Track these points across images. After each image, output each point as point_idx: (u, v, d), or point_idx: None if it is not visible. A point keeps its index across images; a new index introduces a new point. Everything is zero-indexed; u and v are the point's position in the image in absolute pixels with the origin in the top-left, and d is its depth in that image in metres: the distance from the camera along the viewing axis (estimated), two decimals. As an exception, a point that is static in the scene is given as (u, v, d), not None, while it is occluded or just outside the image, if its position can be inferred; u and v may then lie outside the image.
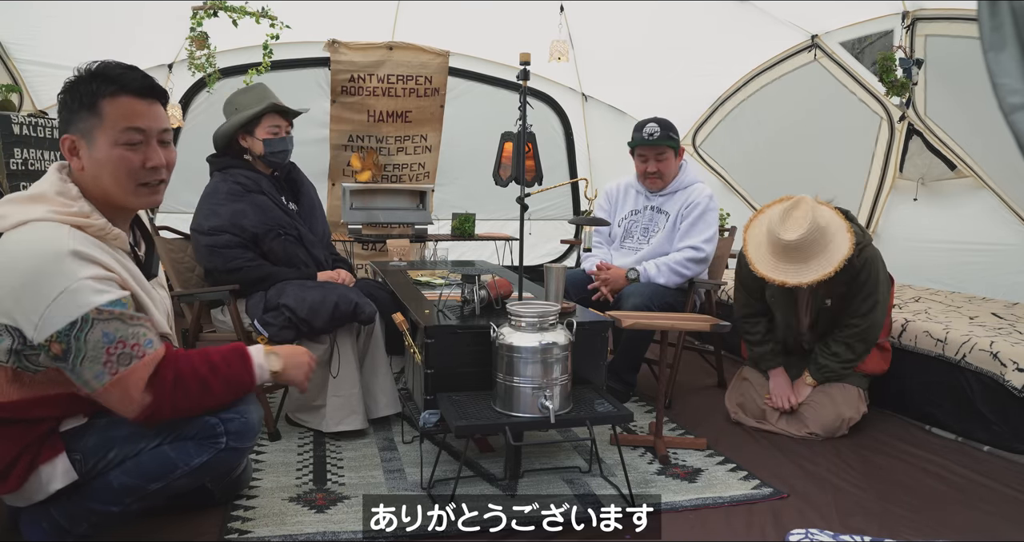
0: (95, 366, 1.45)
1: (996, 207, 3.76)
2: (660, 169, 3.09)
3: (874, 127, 4.25)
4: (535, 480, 2.20)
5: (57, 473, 1.56)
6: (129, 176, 1.56)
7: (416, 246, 4.47)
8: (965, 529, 1.95)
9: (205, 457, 1.61)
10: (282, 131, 2.66)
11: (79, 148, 1.56)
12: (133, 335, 1.49)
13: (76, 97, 1.54)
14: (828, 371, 2.66)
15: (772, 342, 2.80)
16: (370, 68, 4.44)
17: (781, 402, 2.68)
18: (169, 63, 4.97)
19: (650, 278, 2.97)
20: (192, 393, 1.55)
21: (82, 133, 1.55)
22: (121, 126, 1.54)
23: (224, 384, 1.59)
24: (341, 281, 2.67)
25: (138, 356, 1.49)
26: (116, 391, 1.48)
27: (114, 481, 1.58)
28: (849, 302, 2.62)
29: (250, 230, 2.54)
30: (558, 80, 5.77)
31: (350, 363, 2.52)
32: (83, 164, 1.56)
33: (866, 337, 2.63)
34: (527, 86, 2.17)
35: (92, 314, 1.44)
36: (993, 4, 1.75)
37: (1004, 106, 1.72)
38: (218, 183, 2.63)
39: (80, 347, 1.44)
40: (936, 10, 3.65)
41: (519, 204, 2.26)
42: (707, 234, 3.04)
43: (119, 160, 1.55)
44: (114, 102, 1.54)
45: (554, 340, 1.95)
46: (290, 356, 1.74)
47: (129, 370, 1.47)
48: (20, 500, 1.61)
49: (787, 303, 2.72)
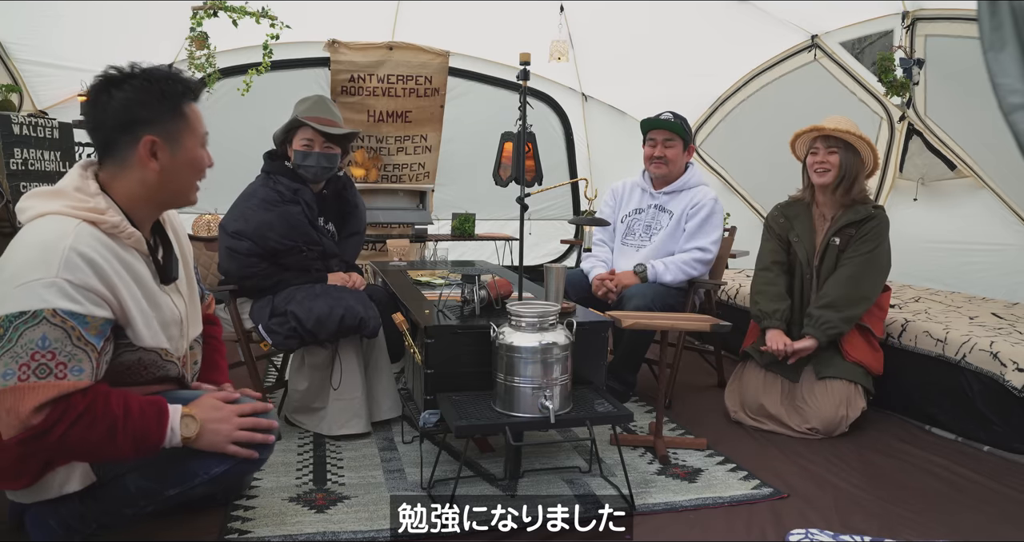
0: (11, 364, 1.35)
1: (996, 207, 3.76)
2: (667, 155, 3.10)
3: (874, 127, 4.25)
4: (535, 480, 2.20)
5: (75, 475, 1.55)
6: (199, 176, 1.64)
7: (416, 246, 4.47)
8: (965, 529, 1.95)
9: (225, 466, 1.59)
10: (314, 146, 2.61)
11: (159, 150, 1.54)
12: (67, 354, 1.38)
13: (159, 99, 1.53)
14: (816, 319, 2.68)
15: (784, 304, 2.81)
16: (370, 68, 4.44)
17: (776, 345, 2.70)
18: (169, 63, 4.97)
19: (657, 274, 2.98)
20: (95, 432, 1.41)
21: (166, 136, 1.54)
22: (202, 129, 1.62)
23: (131, 435, 1.45)
24: (352, 284, 2.66)
25: (57, 375, 1.37)
26: (9, 399, 1.35)
27: (131, 485, 1.57)
28: (852, 244, 2.75)
29: (271, 244, 2.53)
30: (558, 80, 5.77)
31: (353, 367, 2.53)
32: (160, 166, 1.54)
33: (854, 276, 2.70)
34: (527, 86, 2.17)
35: (47, 313, 1.36)
36: (993, 4, 1.75)
37: (1004, 106, 1.72)
38: (258, 187, 2.62)
39: (12, 338, 1.35)
40: (936, 10, 3.65)
41: (519, 204, 2.26)
42: (714, 236, 3.07)
43: (199, 161, 1.61)
44: (192, 106, 1.60)
45: (554, 340, 1.95)
46: (209, 421, 1.57)
47: (38, 384, 1.36)
48: (28, 497, 1.58)
49: (809, 239, 2.86)
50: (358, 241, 2.90)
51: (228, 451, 1.58)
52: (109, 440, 1.42)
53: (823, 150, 2.77)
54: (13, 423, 1.36)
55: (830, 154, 2.76)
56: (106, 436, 1.42)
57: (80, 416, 1.39)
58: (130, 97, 1.51)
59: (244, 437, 1.59)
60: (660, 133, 3.10)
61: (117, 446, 1.44)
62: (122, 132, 1.52)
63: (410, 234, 4.38)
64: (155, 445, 1.49)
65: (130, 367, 1.57)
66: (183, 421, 1.52)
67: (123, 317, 1.50)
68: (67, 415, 1.38)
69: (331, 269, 2.71)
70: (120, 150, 1.54)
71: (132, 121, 1.52)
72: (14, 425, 1.36)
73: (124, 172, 1.55)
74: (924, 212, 4.13)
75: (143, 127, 1.52)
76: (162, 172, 1.55)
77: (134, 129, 1.52)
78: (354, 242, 2.87)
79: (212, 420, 1.57)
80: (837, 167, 2.75)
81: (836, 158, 2.75)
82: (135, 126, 1.52)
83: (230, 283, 2.58)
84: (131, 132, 1.52)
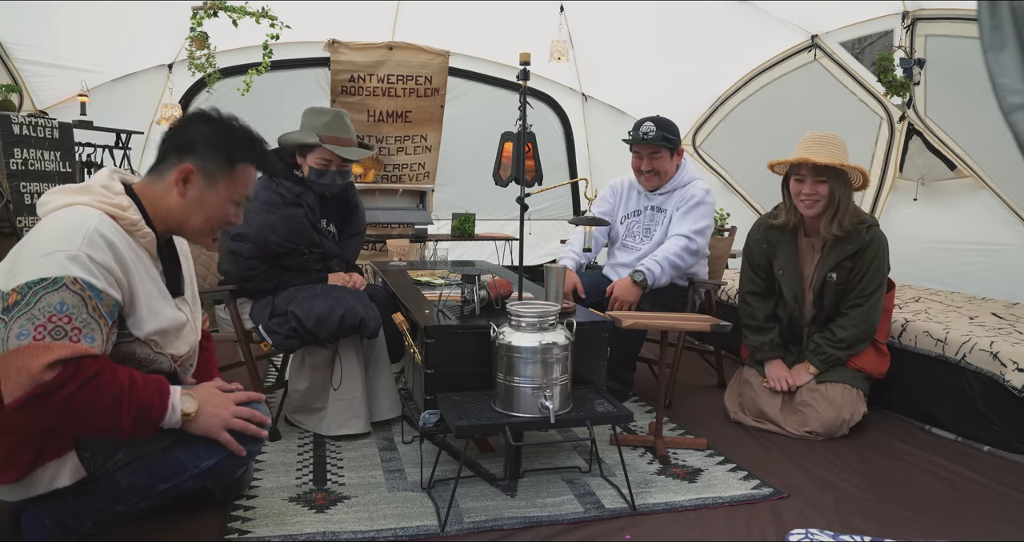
0: (27, 325, 1.39)
1: (996, 207, 3.76)
2: (655, 167, 3.08)
3: (874, 127, 4.25)
4: (535, 480, 2.20)
5: (65, 470, 1.56)
6: (216, 225, 1.71)
7: (416, 246, 4.47)
8: (965, 529, 1.95)
9: (215, 459, 1.61)
10: (332, 165, 2.62)
11: (192, 181, 1.64)
12: (82, 321, 1.43)
13: (222, 146, 1.65)
14: (827, 356, 2.67)
15: (772, 332, 2.80)
16: (370, 68, 4.44)
17: (779, 384, 2.69)
18: (169, 63, 4.98)
19: (656, 278, 2.90)
20: (101, 398, 1.43)
21: (207, 174, 1.64)
22: (243, 192, 1.71)
23: (134, 406, 1.47)
24: (353, 284, 2.66)
25: (72, 338, 1.41)
26: (21, 357, 1.38)
27: (122, 481, 1.59)
28: (853, 280, 2.65)
29: (273, 247, 2.52)
30: (558, 80, 5.78)
31: (353, 368, 2.53)
32: (186, 194, 1.64)
33: (868, 319, 2.65)
34: (527, 86, 2.17)
35: (67, 280, 1.41)
36: (993, 4, 1.75)
37: (1004, 106, 1.72)
38: (260, 189, 2.60)
39: (30, 302, 1.39)
40: (936, 10, 3.66)
41: (519, 204, 2.26)
42: (699, 225, 3.00)
43: (222, 213, 1.69)
44: (247, 168, 1.71)
45: (554, 340, 1.95)
46: (207, 405, 1.59)
47: (52, 343, 1.39)
48: (18, 493, 1.58)
49: (794, 274, 2.74)
50: (358, 241, 2.91)
51: (221, 438, 1.59)
52: (113, 408, 1.45)
53: (810, 180, 2.58)
54: (23, 381, 1.37)
55: (818, 184, 2.58)
56: (111, 403, 1.45)
57: (89, 379, 1.42)
58: (203, 130, 1.65)
59: (238, 426, 1.62)
60: (645, 147, 3.07)
61: (120, 416, 1.46)
62: (175, 151, 1.65)
63: (410, 234, 4.38)
64: (156, 420, 1.51)
65: (124, 359, 1.58)
66: (183, 398, 1.56)
67: (129, 303, 1.56)
68: (78, 375, 1.41)
69: (332, 269, 2.71)
70: (165, 165, 1.65)
71: (189, 147, 1.64)
72: (23, 384, 1.37)
73: (156, 185, 1.66)
74: (924, 212, 4.13)
75: (192, 157, 1.63)
76: (184, 202, 1.65)
77: (184, 154, 1.64)
78: (354, 242, 2.88)
79: (210, 403, 1.60)
80: (827, 197, 2.58)
81: (825, 188, 2.57)
82: (187, 152, 1.64)
83: (230, 284, 2.59)
84: (180, 155, 1.64)
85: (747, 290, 2.88)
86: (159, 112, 4.86)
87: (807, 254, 2.75)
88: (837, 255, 2.65)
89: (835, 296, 2.70)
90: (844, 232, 2.62)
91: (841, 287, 2.68)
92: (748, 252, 2.88)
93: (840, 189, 2.59)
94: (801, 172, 2.62)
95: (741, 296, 2.91)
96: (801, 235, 2.77)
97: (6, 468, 1.54)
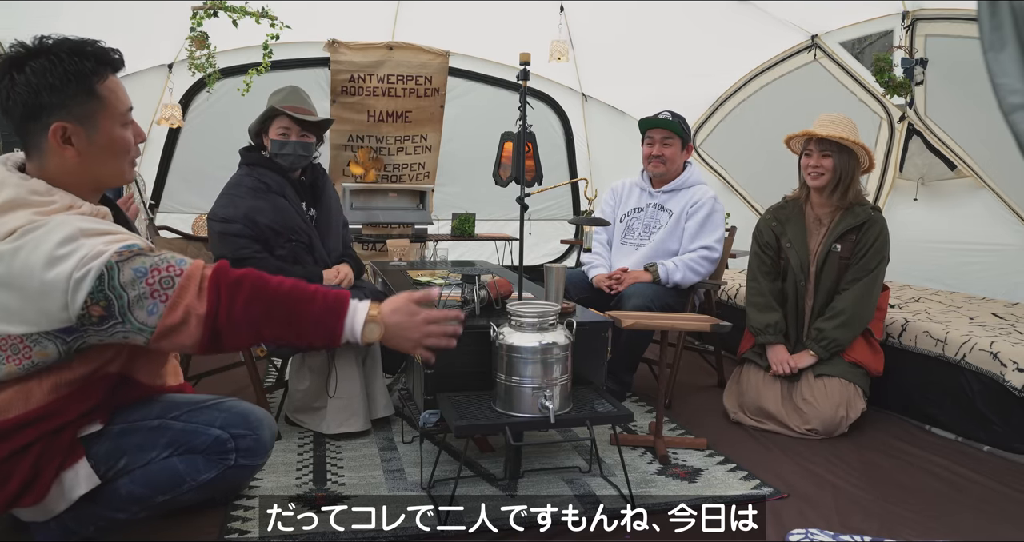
0: (144, 302, 1.39)
1: (996, 207, 3.76)
2: (664, 154, 3.11)
3: (874, 127, 4.25)
4: (535, 480, 2.20)
5: (80, 478, 1.54)
6: (126, 155, 1.56)
7: (416, 246, 4.47)
8: (965, 529, 1.95)
9: (213, 473, 1.60)
10: (291, 135, 2.63)
11: (73, 135, 1.46)
12: (162, 260, 1.43)
13: (65, 80, 1.42)
14: (828, 341, 2.69)
15: (778, 314, 2.82)
16: (370, 68, 4.43)
17: (782, 367, 2.71)
18: (169, 63, 4.98)
19: (668, 273, 2.99)
20: (261, 286, 1.46)
21: (80, 119, 1.46)
22: (122, 108, 1.52)
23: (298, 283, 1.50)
24: (340, 278, 2.68)
25: (177, 274, 1.42)
26: (176, 315, 1.40)
27: (122, 489, 1.58)
28: (857, 254, 2.73)
29: (263, 227, 2.54)
30: (558, 80, 5.77)
31: (352, 367, 2.53)
32: (77, 151, 1.47)
33: (866, 293, 2.70)
34: (527, 86, 2.17)
35: (113, 259, 1.38)
36: (993, 4, 1.75)
37: (1004, 106, 1.73)
38: (243, 177, 2.64)
39: (120, 293, 1.38)
40: (936, 10, 3.65)
41: (519, 204, 2.26)
42: (717, 235, 3.10)
43: (121, 141, 1.53)
44: (108, 84, 1.49)
45: (554, 340, 1.95)
46: (394, 327, 1.57)
47: (178, 288, 1.41)
48: (41, 514, 1.56)
49: (802, 245, 2.82)
50: (345, 232, 2.93)
51: (417, 354, 1.63)
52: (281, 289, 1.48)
53: (816, 153, 2.75)
54: (192, 332, 1.42)
55: (824, 158, 2.74)
56: (276, 284, 1.48)
57: (236, 282, 1.45)
58: (32, 81, 1.41)
59: (433, 342, 1.62)
60: (658, 132, 3.12)
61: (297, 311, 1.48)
62: (30, 120, 1.44)
63: (410, 234, 4.38)
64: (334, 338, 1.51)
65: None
66: (367, 327, 1.54)
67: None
68: (221, 286, 1.43)
69: (326, 264, 2.72)
70: (34, 139, 1.47)
71: (38, 107, 1.43)
72: (194, 331, 1.42)
73: (45, 160, 1.48)
74: (924, 212, 4.13)
75: (50, 113, 1.43)
76: (81, 158, 1.48)
77: (40, 116, 1.43)
78: (335, 225, 2.88)
79: (397, 325, 1.58)
80: (831, 171, 2.73)
81: (830, 162, 2.73)
82: (41, 113, 1.43)
83: None
84: (38, 119, 1.44)
85: (755, 268, 2.95)
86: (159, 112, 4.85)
87: (814, 229, 2.85)
88: (842, 228, 2.76)
89: (837, 271, 2.76)
90: (849, 204, 2.76)
91: (844, 261, 2.75)
92: (757, 233, 2.98)
93: (844, 165, 2.72)
94: (809, 147, 2.78)
95: (750, 274, 2.97)
96: (809, 210, 2.87)
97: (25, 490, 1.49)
